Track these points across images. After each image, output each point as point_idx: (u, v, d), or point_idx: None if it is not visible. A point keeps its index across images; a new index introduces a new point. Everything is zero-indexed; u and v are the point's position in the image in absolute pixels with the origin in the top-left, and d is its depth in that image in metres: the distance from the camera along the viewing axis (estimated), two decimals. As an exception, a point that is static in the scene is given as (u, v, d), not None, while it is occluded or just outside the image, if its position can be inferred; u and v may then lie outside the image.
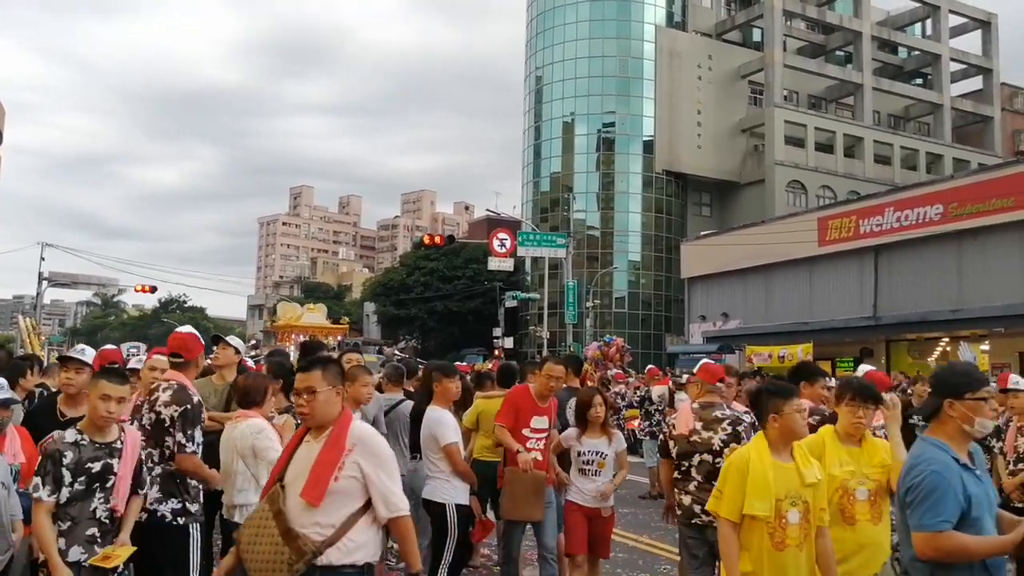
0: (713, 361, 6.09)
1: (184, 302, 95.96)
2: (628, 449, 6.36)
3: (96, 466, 3.87)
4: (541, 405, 5.86)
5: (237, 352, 6.48)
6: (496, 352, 38.49)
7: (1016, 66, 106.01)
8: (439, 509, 5.47)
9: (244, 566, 3.22)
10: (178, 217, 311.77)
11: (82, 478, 3.83)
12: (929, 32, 54.19)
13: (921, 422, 9.29)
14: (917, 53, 54.01)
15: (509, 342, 42.43)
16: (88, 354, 5.56)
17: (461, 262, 54.33)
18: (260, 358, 12.40)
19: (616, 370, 20.90)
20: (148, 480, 4.34)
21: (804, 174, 46.24)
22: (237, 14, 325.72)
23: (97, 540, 3.87)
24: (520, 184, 54.22)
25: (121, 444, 3.99)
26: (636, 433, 14.49)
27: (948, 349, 27.59)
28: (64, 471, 3.80)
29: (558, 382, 5.96)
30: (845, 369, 25.39)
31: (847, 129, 48.19)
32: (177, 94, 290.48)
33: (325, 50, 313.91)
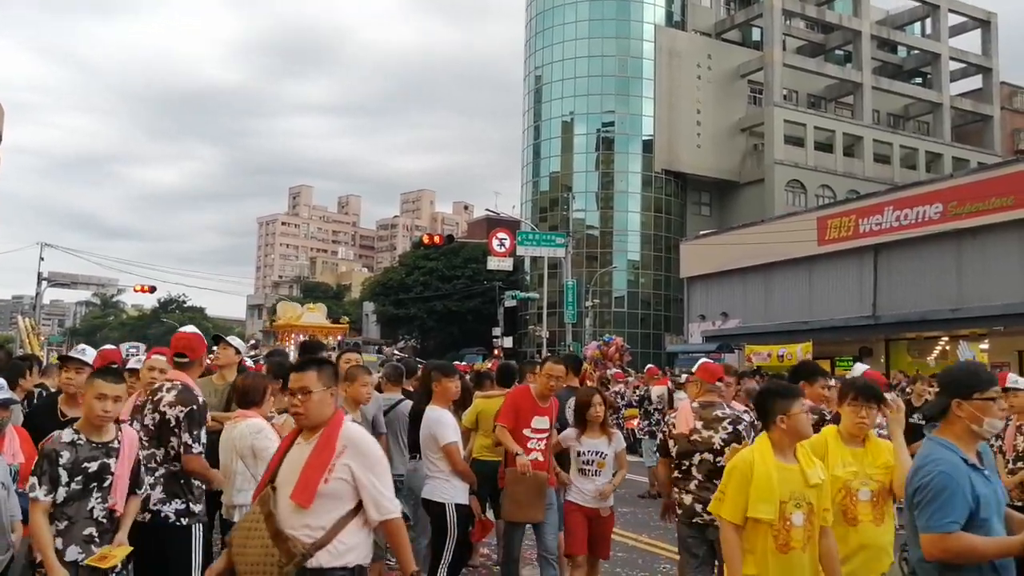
0: (712, 360, 6.08)
1: (183, 302, 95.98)
2: (627, 448, 6.34)
3: (93, 466, 3.86)
4: (542, 405, 5.84)
5: (237, 352, 6.51)
6: (495, 352, 38.50)
7: (1015, 65, 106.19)
8: (439, 509, 5.46)
9: (235, 568, 3.21)
10: (178, 217, 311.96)
11: (79, 478, 3.82)
12: (928, 31, 54.17)
13: (921, 420, 9.31)
14: (916, 52, 54.01)
15: (508, 342, 42.42)
16: (89, 354, 5.58)
17: (460, 262, 54.30)
18: (260, 358, 12.41)
19: (615, 369, 20.92)
20: (152, 481, 4.34)
21: (803, 173, 46.24)
22: (237, 14, 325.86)
23: (95, 540, 3.86)
24: (519, 184, 54.26)
25: (118, 444, 3.98)
26: (635, 432, 14.49)
27: (948, 348, 27.59)
28: (60, 471, 3.79)
29: (559, 382, 5.93)
30: (845, 368, 25.35)
31: (846, 128, 48.19)
32: (177, 94, 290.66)
33: (325, 50, 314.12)
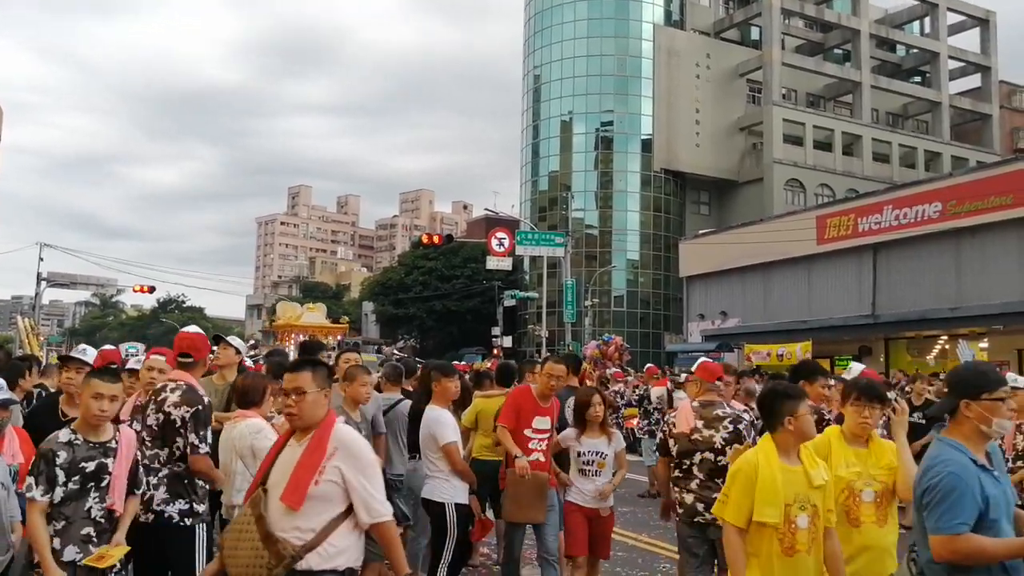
0: (711, 360, 6.08)
1: (183, 302, 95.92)
2: (627, 448, 6.31)
3: (90, 466, 3.85)
4: (543, 405, 5.82)
5: (238, 352, 6.51)
6: (495, 351, 38.51)
7: (1014, 64, 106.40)
8: (438, 508, 5.45)
9: (227, 571, 3.20)
10: (178, 217, 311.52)
11: (76, 478, 3.81)
12: (927, 30, 54.18)
13: (922, 420, 9.31)
14: (915, 51, 54.03)
15: (508, 341, 42.43)
16: (90, 354, 5.59)
17: (460, 261, 54.28)
18: (259, 358, 12.40)
19: (615, 369, 20.93)
20: (155, 481, 4.34)
21: (803, 172, 46.25)
22: (237, 14, 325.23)
23: (92, 540, 3.85)
24: (519, 183, 54.26)
25: (116, 444, 3.97)
26: (635, 432, 14.49)
27: (947, 347, 27.58)
28: (58, 471, 3.78)
29: (559, 382, 5.90)
30: (844, 367, 25.33)
31: (845, 127, 48.21)
32: (177, 94, 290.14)
33: (325, 50, 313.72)
